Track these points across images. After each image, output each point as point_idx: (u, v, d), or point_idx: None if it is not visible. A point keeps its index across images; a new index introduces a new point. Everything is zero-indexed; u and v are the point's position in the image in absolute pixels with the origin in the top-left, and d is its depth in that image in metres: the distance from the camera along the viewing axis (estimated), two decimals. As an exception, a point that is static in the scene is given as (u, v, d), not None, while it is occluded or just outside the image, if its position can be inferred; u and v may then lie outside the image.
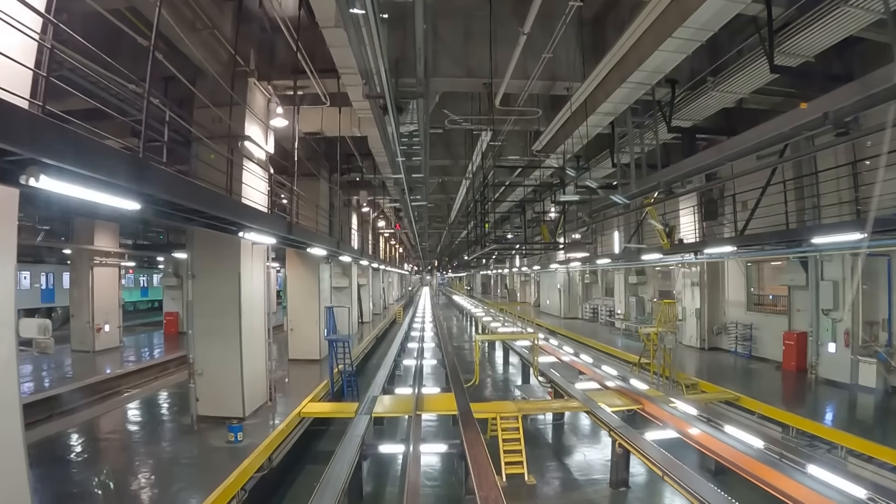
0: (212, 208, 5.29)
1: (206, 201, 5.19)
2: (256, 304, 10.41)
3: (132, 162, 3.84)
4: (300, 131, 11.79)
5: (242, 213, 6.30)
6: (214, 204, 5.59)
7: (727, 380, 14.03)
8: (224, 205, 5.80)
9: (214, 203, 5.56)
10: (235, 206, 6.19)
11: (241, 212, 6.25)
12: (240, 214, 6.18)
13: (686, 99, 11.56)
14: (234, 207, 6.07)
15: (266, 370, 10.93)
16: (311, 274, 15.93)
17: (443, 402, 10.87)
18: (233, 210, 5.92)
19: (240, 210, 6.26)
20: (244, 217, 6.28)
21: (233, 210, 5.92)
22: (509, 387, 18.84)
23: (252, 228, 6.59)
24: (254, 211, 6.78)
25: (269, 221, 6.99)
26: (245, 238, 6.57)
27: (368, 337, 23.23)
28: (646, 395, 11.43)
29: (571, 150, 13.27)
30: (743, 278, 17.68)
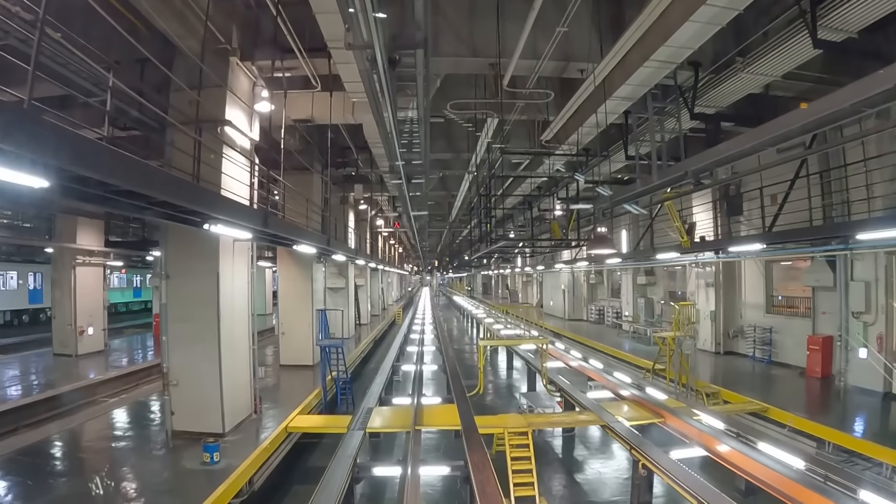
0: (166, 193, 4.32)
1: (156, 184, 4.22)
2: (238, 306, 9.44)
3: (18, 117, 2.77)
4: (288, 118, 10.82)
5: (208, 202, 5.32)
6: (171, 189, 4.62)
7: (748, 387, 13.06)
8: (184, 191, 4.84)
9: (171, 188, 4.58)
10: (198, 192, 5.21)
11: (205, 200, 5.29)
12: (204, 203, 5.21)
13: (710, 83, 10.60)
14: (196, 194, 5.09)
15: (250, 379, 9.96)
16: (304, 274, 14.94)
17: (444, 414, 9.89)
18: (194, 196, 4.94)
19: (204, 198, 5.29)
20: (210, 206, 5.31)
21: (194, 196, 4.94)
22: (513, 393, 17.86)
23: (220, 220, 5.61)
24: (223, 200, 5.80)
25: (241, 212, 6.00)
26: (213, 231, 5.60)
27: (366, 340, 22.25)
28: (666, 406, 10.45)
29: (581, 142, 12.31)
30: (761, 279, 16.69)
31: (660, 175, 9.31)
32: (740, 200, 11.37)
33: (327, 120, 10.70)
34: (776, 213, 11.26)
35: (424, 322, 30.41)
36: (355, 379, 18.19)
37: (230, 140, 9.11)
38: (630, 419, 9.82)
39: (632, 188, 10.20)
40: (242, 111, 9.67)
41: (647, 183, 9.56)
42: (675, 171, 8.89)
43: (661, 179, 9.24)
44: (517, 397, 16.55)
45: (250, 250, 9.81)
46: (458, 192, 20.96)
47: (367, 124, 11.09)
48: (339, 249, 12.57)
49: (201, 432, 8.83)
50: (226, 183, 8.57)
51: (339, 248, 12.75)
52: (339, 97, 10.56)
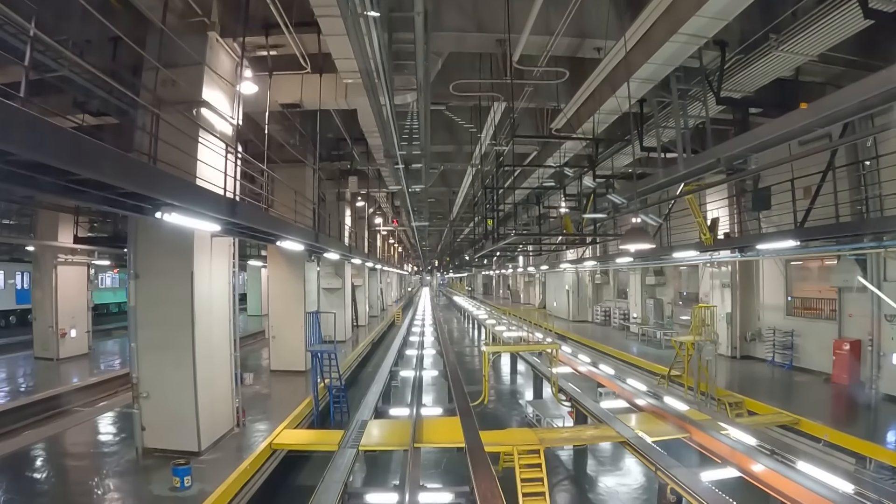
0: (94, 170, 3.37)
1: (86, 159, 3.26)
2: (218, 309, 8.49)
3: None
4: (275, 102, 9.88)
5: (160, 185, 4.36)
6: (108, 167, 3.66)
7: (771, 396, 12.13)
8: (125, 169, 3.87)
9: (108, 165, 3.63)
10: (146, 173, 4.24)
11: (158, 183, 4.34)
12: (156, 186, 4.25)
13: (738, 65, 9.67)
14: (145, 175, 4.10)
15: (232, 390, 9.01)
16: (295, 274, 13.99)
17: (446, 428, 8.94)
18: (140, 177, 3.95)
19: (155, 179, 4.34)
20: (161, 190, 4.34)
21: (140, 177, 3.95)
22: (518, 400, 16.91)
23: (176, 207, 4.65)
24: (180, 184, 4.83)
25: (202, 199, 4.99)
26: (168, 220, 4.64)
27: (363, 343, 21.30)
28: (690, 418, 9.49)
29: (594, 131, 11.38)
30: (782, 279, 15.75)
31: (686, 164, 8.37)
32: (768, 193, 10.44)
33: (317, 104, 9.74)
34: (808, 208, 10.32)
35: (424, 323, 29.48)
36: (351, 384, 17.25)
37: (207, 124, 8.16)
38: (652, 434, 8.88)
39: (651, 179, 9.25)
40: (223, 93, 8.73)
41: (671, 173, 8.61)
42: (704, 158, 7.95)
43: (688, 168, 8.29)
44: (522, 405, 15.60)
45: (232, 247, 8.87)
46: (459, 188, 20.01)
47: (361, 110, 10.14)
48: (329, 247, 11.58)
49: (175, 450, 7.91)
50: (202, 171, 7.65)
51: (331, 246, 11.77)
52: (330, 79, 9.61)
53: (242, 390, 12.54)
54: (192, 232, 7.63)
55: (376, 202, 25.40)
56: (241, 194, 9.87)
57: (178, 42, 7.44)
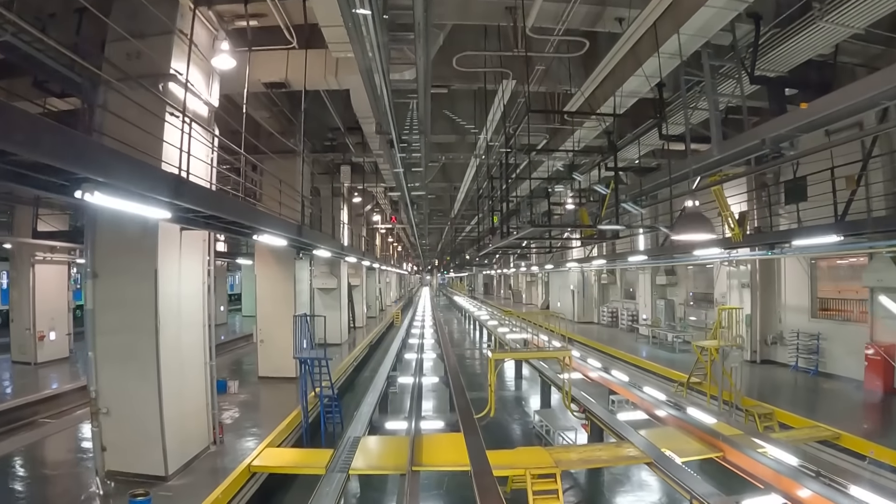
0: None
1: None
2: (188, 313, 7.48)
3: None
4: (258, 81, 8.87)
5: (82, 157, 3.34)
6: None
7: (801, 405, 11.16)
8: (34, 135, 2.86)
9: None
10: (62, 138, 3.21)
11: (80, 153, 3.32)
12: (78, 159, 3.22)
13: (774, 40, 8.66)
14: (44, 135, 3.05)
15: (207, 403, 7.99)
16: (285, 273, 12.98)
17: (449, 447, 7.94)
18: (34, 140, 2.90)
19: (79, 148, 3.33)
20: (78, 161, 3.31)
21: (34, 140, 2.90)
22: (523, 406, 15.91)
23: (100, 184, 3.61)
24: (104, 154, 3.77)
25: (136, 176, 3.92)
26: (90, 201, 3.62)
27: (360, 345, 20.28)
28: (721, 434, 8.48)
29: (614, 110, 10.38)
30: (806, 278, 14.74)
31: (721, 148, 7.35)
32: (804, 184, 9.43)
33: (305, 84, 8.72)
34: (849, 199, 9.34)
35: (424, 325, 28.46)
36: (347, 390, 16.25)
37: (177, 102, 7.15)
38: (680, 453, 7.87)
39: (681, 166, 8.24)
40: (197, 68, 7.71)
41: (703, 159, 7.60)
42: (743, 140, 6.93)
43: (724, 153, 7.28)
44: (530, 414, 14.59)
45: (206, 242, 7.85)
46: (461, 182, 19.00)
47: (354, 90, 9.13)
48: (318, 243, 10.49)
49: (139, 474, 6.92)
50: (169, 155, 6.66)
51: (320, 242, 10.69)
52: (319, 55, 8.61)
53: (227, 399, 11.60)
54: (157, 224, 6.63)
55: (374, 198, 24.40)
56: (227, 186, 8.89)
57: (146, 6, 6.48)
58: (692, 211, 5.90)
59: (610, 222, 8.53)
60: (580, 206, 8.86)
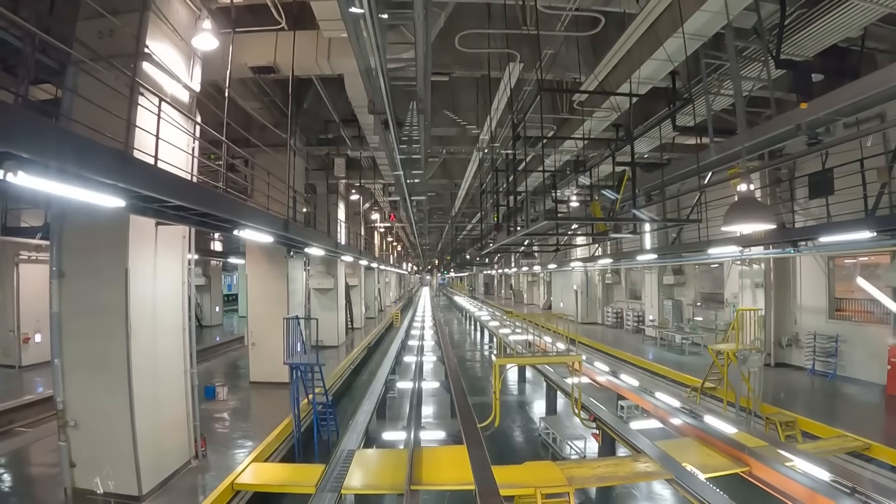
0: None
1: None
2: (165, 317, 6.84)
3: None
4: (244, 66, 8.23)
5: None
6: None
7: (823, 412, 10.51)
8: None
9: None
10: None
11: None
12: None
13: (801, 20, 8.02)
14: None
15: (188, 414, 7.35)
16: (277, 273, 12.34)
17: (451, 461, 7.30)
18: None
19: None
20: (3, 136, 2.68)
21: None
22: (527, 411, 15.27)
23: (29, 162, 2.94)
24: (40, 128, 3.12)
25: (74, 151, 3.24)
26: (19, 183, 2.98)
27: (358, 347, 19.61)
28: (745, 446, 7.84)
29: (622, 105, 9.77)
30: (823, 277, 14.09)
31: (749, 135, 6.71)
32: (831, 176, 8.78)
33: (295, 68, 8.08)
34: (879, 193, 8.70)
35: (424, 326, 27.81)
36: (344, 394, 15.61)
37: (154, 84, 6.51)
38: (703, 468, 7.24)
39: (703, 156, 7.60)
40: (176, 49, 7.07)
41: (725, 148, 6.96)
42: (776, 126, 6.28)
43: (754, 140, 6.64)
44: (534, 420, 13.97)
45: (186, 239, 7.21)
46: (462, 180, 18.34)
47: (349, 75, 8.48)
48: (309, 240, 9.77)
49: (111, 494, 6.28)
50: (142, 143, 6.01)
51: (311, 239, 9.98)
52: (309, 37, 7.97)
53: (216, 407, 10.96)
54: (127, 218, 5.99)
55: (372, 196, 23.75)
56: (216, 181, 8.25)
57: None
58: (746, 197, 5.19)
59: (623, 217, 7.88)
60: (592, 200, 8.23)
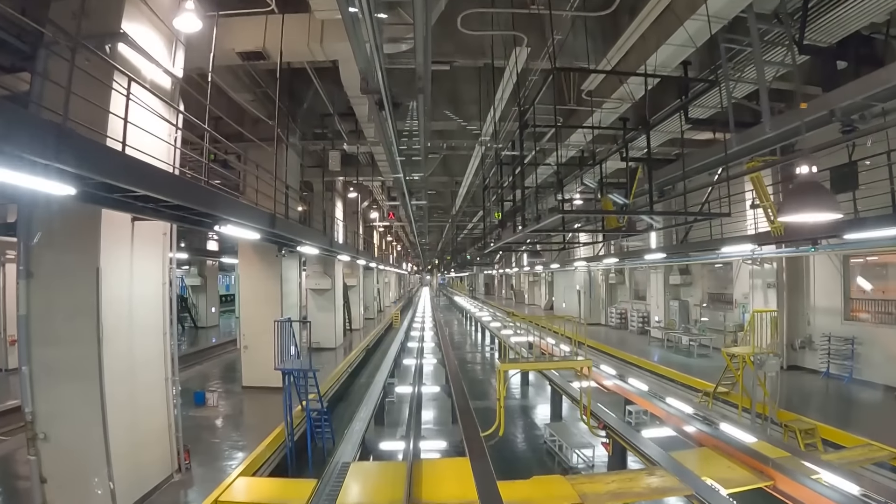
0: None
1: None
2: (143, 320, 6.33)
3: None
4: (231, 51, 7.71)
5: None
6: None
7: (842, 418, 10.00)
8: None
9: None
10: None
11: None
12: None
13: (824, 4, 7.51)
14: None
15: (170, 425, 6.83)
16: (270, 273, 11.82)
17: (452, 475, 6.80)
18: None
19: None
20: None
21: None
22: (531, 416, 14.78)
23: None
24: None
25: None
26: None
27: (356, 349, 19.09)
28: (767, 457, 7.32)
29: (634, 93, 9.26)
30: (838, 277, 13.58)
31: (774, 124, 6.19)
32: (854, 169, 8.28)
33: (286, 54, 7.57)
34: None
35: (424, 327, 27.33)
36: (341, 399, 15.10)
37: (131, 69, 6.00)
38: (725, 482, 6.72)
39: (720, 149, 7.09)
40: (156, 30, 6.56)
41: (750, 138, 6.44)
42: (807, 112, 5.76)
43: (779, 129, 6.12)
44: (538, 426, 13.48)
45: (168, 236, 6.70)
46: (462, 177, 17.82)
47: (343, 61, 7.97)
48: (295, 235, 9.17)
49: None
50: (116, 131, 5.50)
51: (297, 234, 9.37)
52: (300, 21, 7.46)
53: (205, 413, 10.45)
54: (99, 213, 5.48)
55: (371, 194, 23.24)
56: (209, 179, 7.71)
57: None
58: (807, 180, 4.59)
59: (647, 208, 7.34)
60: (602, 196, 7.73)
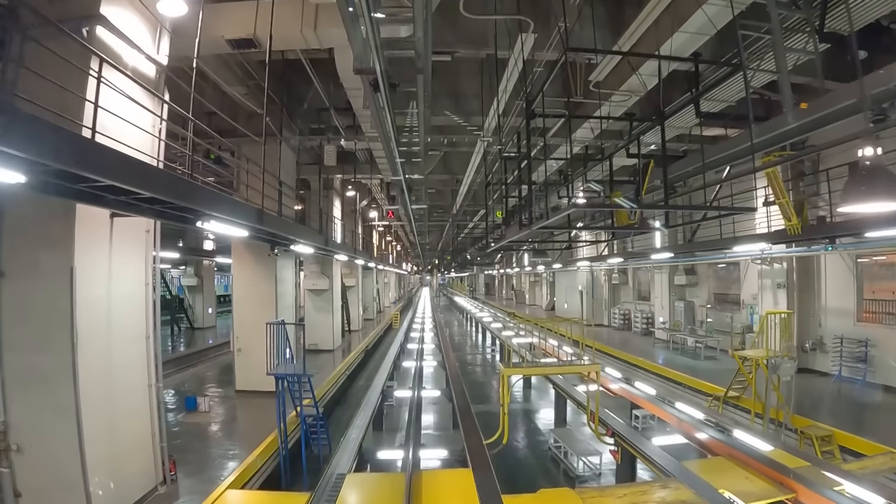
0: None
1: None
2: (123, 324, 5.93)
3: None
4: (220, 38, 7.31)
5: None
6: None
7: (857, 423, 9.61)
8: None
9: None
10: None
11: None
12: None
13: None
14: None
15: (154, 434, 6.43)
16: (264, 273, 11.42)
17: (454, 488, 6.40)
18: None
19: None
20: None
21: None
22: (534, 421, 14.36)
23: None
24: None
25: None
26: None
27: (355, 351, 18.69)
28: (786, 466, 6.92)
29: (647, 84, 8.88)
30: (851, 277, 13.18)
31: (797, 115, 5.79)
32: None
33: (278, 41, 7.16)
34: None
35: (424, 328, 26.92)
36: (339, 402, 14.71)
37: (111, 55, 5.60)
38: (744, 496, 6.32)
39: (738, 141, 6.70)
40: (138, 14, 6.17)
41: (769, 130, 6.04)
42: (839, 99, 5.36)
43: (802, 119, 5.72)
44: (540, 430, 13.07)
45: (151, 234, 6.29)
46: (463, 175, 17.41)
47: (339, 49, 7.57)
48: (286, 232, 8.71)
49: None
50: (103, 125, 5.11)
51: (289, 231, 8.91)
52: (293, 5, 7.06)
53: (196, 419, 10.06)
54: (73, 208, 5.08)
55: (370, 193, 22.83)
56: (201, 176, 7.35)
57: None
58: (874, 164, 4.10)
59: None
60: (615, 191, 7.32)
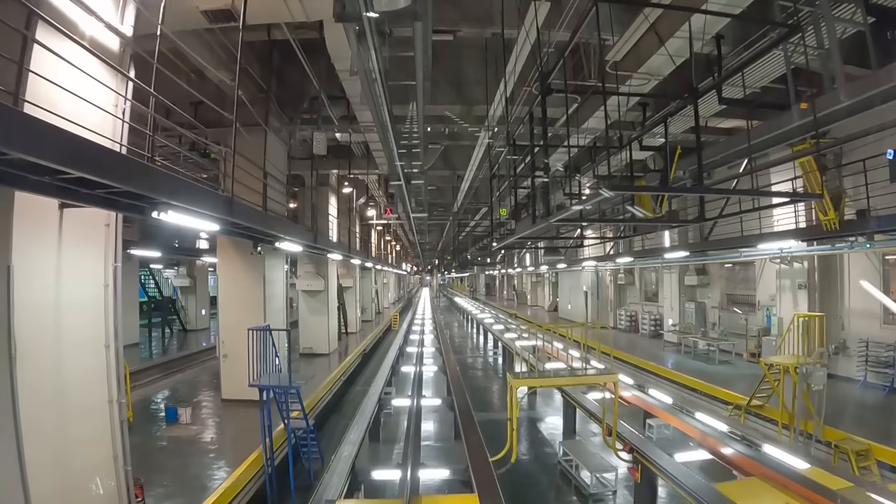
0: None
1: None
2: (75, 331, 5.13)
3: None
4: (195, 10, 6.53)
5: None
6: None
7: (889, 435, 8.84)
8: None
9: None
10: None
11: None
12: None
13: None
14: None
15: (116, 457, 5.64)
16: (251, 273, 10.64)
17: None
18: None
19: None
20: None
21: None
22: (540, 431, 13.56)
23: None
24: None
25: None
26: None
27: (352, 355, 17.89)
28: (826, 487, 6.17)
29: (662, 69, 8.12)
30: (877, 277, 12.41)
31: (850, 91, 5.03)
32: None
33: (259, 12, 6.40)
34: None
35: (424, 329, 26.16)
36: (333, 411, 13.93)
37: (64, 21, 4.81)
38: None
39: (780, 124, 5.93)
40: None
41: (828, 104, 5.28)
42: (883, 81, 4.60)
43: (854, 98, 4.96)
44: (548, 441, 12.27)
45: (112, 228, 5.51)
46: (465, 170, 16.64)
47: (328, 22, 6.80)
48: (261, 226, 7.78)
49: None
50: (37, 93, 4.35)
51: (267, 225, 8.02)
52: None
53: (175, 432, 9.27)
54: (11, 196, 4.31)
55: (367, 190, 22.05)
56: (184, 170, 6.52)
57: None
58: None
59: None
60: (638, 178, 6.59)
